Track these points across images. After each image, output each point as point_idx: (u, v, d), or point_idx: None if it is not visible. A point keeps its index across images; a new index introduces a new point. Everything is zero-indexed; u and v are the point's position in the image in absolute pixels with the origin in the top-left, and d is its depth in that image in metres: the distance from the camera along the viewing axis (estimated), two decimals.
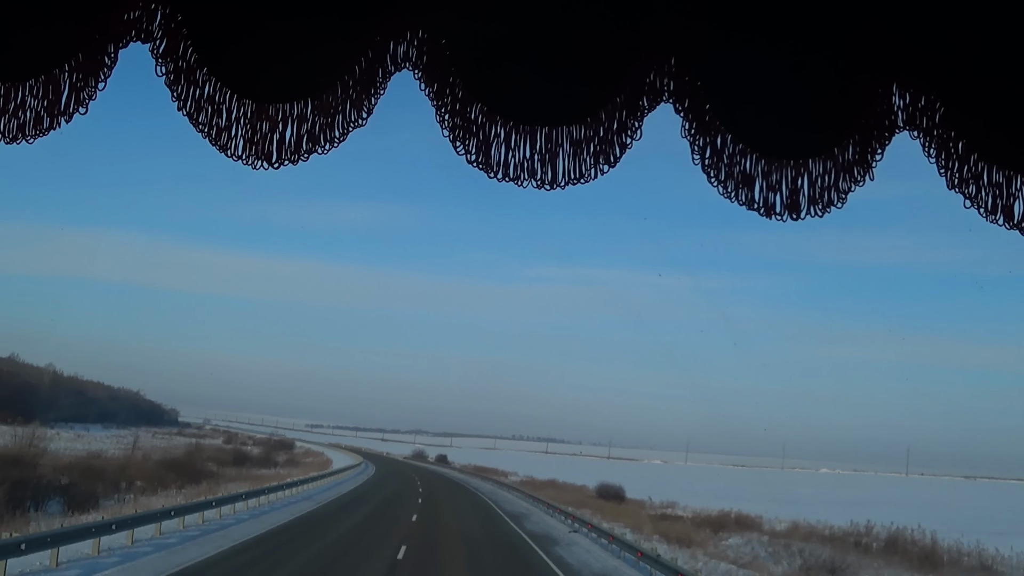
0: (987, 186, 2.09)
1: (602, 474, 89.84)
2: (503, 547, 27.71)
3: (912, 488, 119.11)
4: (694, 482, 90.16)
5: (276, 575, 18.21)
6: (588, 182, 1.95)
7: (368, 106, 1.93)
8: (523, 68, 1.93)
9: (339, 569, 19.55)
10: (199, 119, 1.94)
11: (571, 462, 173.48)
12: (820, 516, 42.57)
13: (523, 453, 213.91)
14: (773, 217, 2.03)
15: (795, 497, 67.54)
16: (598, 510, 44.33)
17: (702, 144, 2.00)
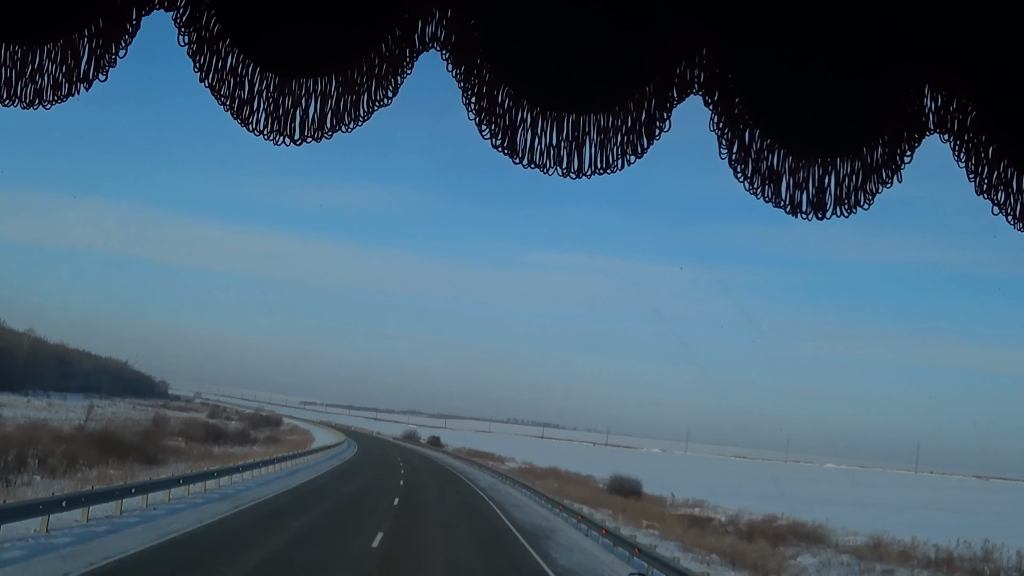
0: (1016, 193, 2.06)
1: (604, 462, 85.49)
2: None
3: (943, 489, 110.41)
4: (704, 475, 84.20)
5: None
6: (614, 172, 1.92)
7: (394, 85, 1.90)
8: (552, 53, 1.89)
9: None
10: (221, 91, 1.90)
11: (569, 448, 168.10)
12: (874, 523, 35.01)
13: (519, 437, 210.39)
14: (799, 216, 2.00)
15: (828, 497, 60.81)
16: (615, 509, 38.53)
17: (730, 138, 1.97)
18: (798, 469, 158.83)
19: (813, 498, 58.78)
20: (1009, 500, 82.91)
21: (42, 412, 54.68)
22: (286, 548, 18.08)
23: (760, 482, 79.60)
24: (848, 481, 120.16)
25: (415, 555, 19.88)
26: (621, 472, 54.57)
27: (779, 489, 69.07)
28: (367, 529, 22.00)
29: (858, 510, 47.26)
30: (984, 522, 40.02)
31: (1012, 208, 2.06)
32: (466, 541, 23.30)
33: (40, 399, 70.74)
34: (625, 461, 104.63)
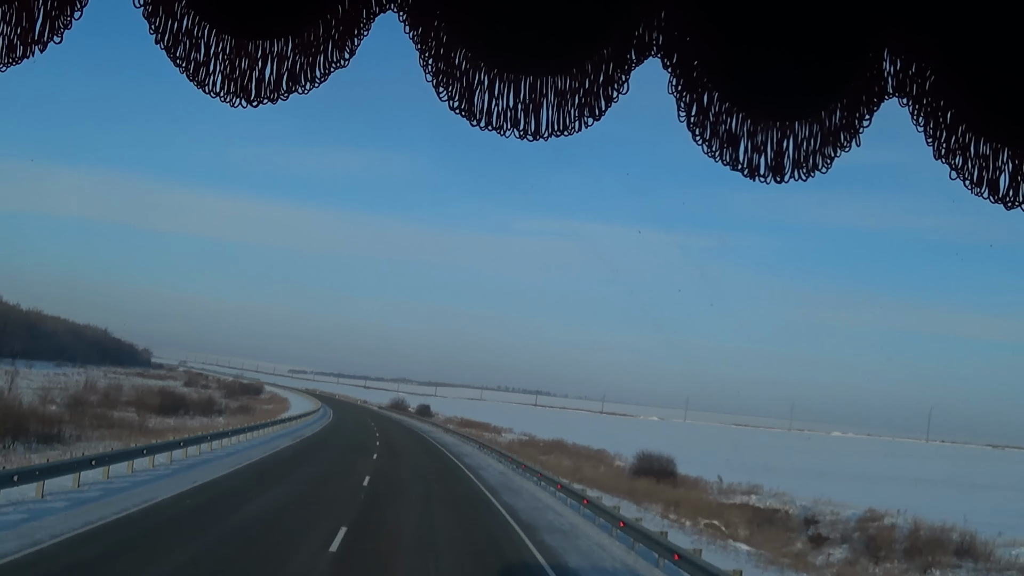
0: (973, 158, 2.08)
1: (609, 433, 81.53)
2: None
3: (977, 460, 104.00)
4: (719, 446, 73.44)
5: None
6: (572, 134, 1.92)
7: (351, 47, 1.89)
8: (510, 15, 1.89)
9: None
10: (176, 53, 1.89)
11: (565, 417, 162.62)
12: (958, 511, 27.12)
13: (511, 405, 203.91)
14: (757, 178, 2.01)
15: (876, 472, 55.55)
16: (661, 501, 29.02)
17: (688, 101, 1.97)
18: (807, 439, 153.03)
19: (863, 475, 52.98)
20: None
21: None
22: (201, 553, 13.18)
23: (782, 454, 72.84)
24: (872, 452, 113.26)
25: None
26: (628, 444, 48.75)
27: (811, 463, 62.77)
28: (318, 537, 15.69)
29: (940, 490, 41.25)
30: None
31: (970, 172, 2.08)
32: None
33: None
34: (628, 430, 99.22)
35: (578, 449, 54.80)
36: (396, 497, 23.87)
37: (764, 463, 48.62)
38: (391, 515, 20.50)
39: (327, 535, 16.10)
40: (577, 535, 20.96)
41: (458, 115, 1.89)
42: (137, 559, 13.02)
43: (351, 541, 15.87)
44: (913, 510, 28.17)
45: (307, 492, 22.62)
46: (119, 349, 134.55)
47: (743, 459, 50.80)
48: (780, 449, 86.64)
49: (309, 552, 14.60)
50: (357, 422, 70.74)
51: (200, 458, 29.34)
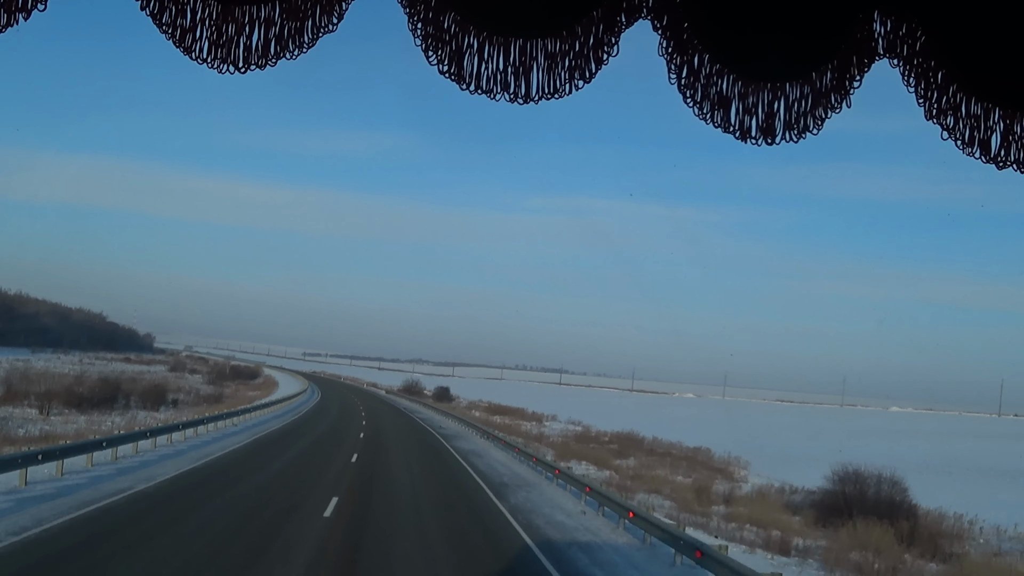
0: (965, 118, 2.07)
1: (666, 417, 71.98)
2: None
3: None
4: (801, 432, 64.51)
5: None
6: (562, 97, 1.91)
7: (339, 11, 1.88)
8: None
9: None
10: (163, 19, 1.87)
11: (598, 397, 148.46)
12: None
13: (533, 384, 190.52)
14: (748, 140, 2.01)
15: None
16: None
17: (679, 63, 1.97)
18: (867, 415, 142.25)
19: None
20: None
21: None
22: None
23: (902, 440, 60.91)
24: (974, 432, 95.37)
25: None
26: (714, 434, 37.93)
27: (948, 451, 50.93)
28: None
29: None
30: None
31: (961, 132, 2.07)
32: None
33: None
34: (685, 413, 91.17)
35: (660, 446, 39.55)
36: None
37: (907, 458, 37.23)
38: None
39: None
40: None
41: (447, 79, 1.88)
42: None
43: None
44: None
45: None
46: (114, 334, 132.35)
47: (843, 446, 36.62)
48: (890, 434, 72.37)
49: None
50: (343, 416, 49.89)
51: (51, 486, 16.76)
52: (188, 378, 77.08)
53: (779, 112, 2.01)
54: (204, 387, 68.24)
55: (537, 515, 18.34)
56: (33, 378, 48.87)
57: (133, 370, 71.48)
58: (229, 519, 14.75)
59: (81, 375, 55.86)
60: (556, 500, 21.21)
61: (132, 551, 11.71)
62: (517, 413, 64.97)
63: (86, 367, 68.89)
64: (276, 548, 12.48)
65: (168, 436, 27.28)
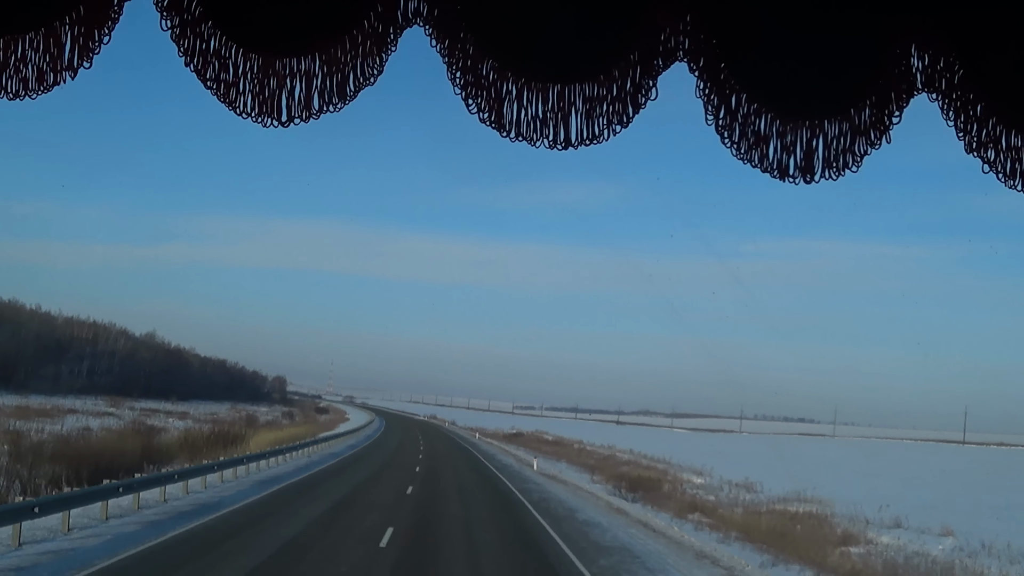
0: (1005, 150, 2.06)
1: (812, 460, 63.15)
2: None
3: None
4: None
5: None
6: (601, 142, 1.92)
7: (379, 63, 1.90)
8: (536, 23, 1.89)
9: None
10: (207, 75, 1.90)
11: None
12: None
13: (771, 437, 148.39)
14: (787, 179, 2.01)
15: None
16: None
17: (716, 104, 1.97)
18: (1001, 453, 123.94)
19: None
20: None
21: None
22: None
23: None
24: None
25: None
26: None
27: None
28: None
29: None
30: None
31: (1003, 165, 2.06)
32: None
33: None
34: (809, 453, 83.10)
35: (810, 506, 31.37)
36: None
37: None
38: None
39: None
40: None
41: (488, 127, 1.89)
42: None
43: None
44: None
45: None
46: (242, 381, 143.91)
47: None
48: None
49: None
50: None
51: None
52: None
53: (818, 150, 2.00)
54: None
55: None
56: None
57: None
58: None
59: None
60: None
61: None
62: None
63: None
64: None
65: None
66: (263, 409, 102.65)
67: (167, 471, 25.48)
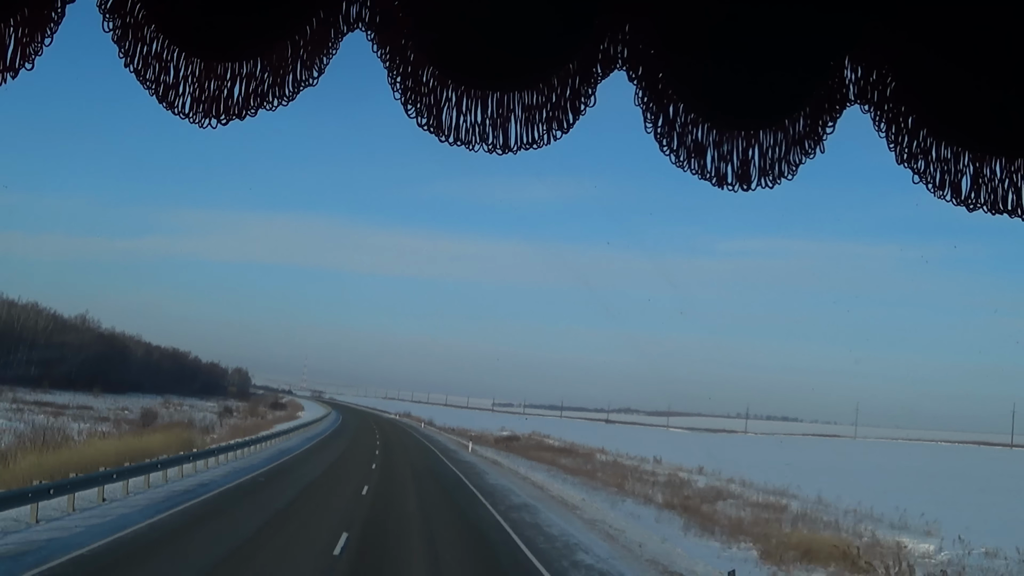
0: (935, 162, 2.12)
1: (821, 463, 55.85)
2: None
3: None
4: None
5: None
6: (540, 148, 1.95)
7: (320, 66, 1.92)
8: (476, 32, 1.92)
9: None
10: (146, 76, 1.91)
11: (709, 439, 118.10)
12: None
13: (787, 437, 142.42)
14: (725, 187, 2.04)
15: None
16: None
17: (654, 112, 2.01)
18: (927, 448, 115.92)
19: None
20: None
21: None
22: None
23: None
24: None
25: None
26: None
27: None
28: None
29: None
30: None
31: (932, 176, 2.12)
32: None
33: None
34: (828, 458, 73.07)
35: (821, 513, 29.30)
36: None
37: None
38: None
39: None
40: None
41: (426, 131, 1.91)
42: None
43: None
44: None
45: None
46: (196, 373, 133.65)
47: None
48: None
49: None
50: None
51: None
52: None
53: (754, 159, 2.05)
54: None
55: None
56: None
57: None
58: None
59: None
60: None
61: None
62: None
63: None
64: None
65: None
66: (209, 404, 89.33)
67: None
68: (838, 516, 28.67)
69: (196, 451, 29.34)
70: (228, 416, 72.61)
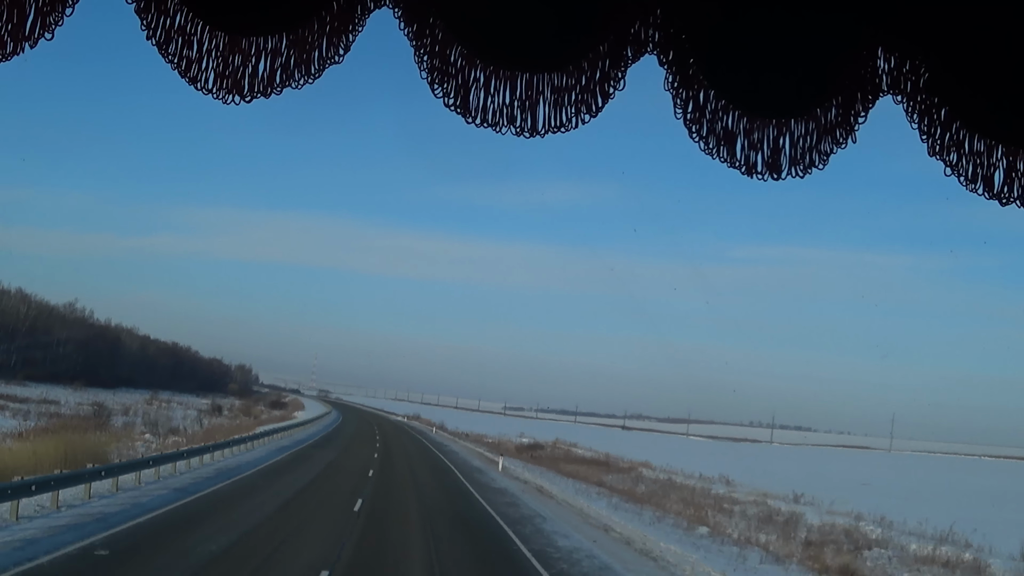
0: (968, 155, 2.08)
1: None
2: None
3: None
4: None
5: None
6: (568, 131, 1.92)
7: (346, 42, 1.88)
8: (505, 11, 1.88)
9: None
10: (169, 50, 1.87)
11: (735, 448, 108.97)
12: None
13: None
14: (754, 176, 2.01)
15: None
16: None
17: (685, 98, 1.97)
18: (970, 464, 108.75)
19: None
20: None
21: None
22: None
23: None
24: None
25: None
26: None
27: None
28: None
29: None
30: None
31: (964, 169, 2.08)
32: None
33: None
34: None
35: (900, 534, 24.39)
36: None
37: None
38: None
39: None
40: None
41: (453, 112, 1.88)
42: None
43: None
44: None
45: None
46: (194, 369, 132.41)
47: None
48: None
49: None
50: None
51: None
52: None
53: (784, 148, 2.01)
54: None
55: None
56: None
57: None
58: None
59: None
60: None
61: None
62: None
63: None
64: None
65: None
66: (201, 402, 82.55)
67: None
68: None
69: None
70: (216, 415, 67.22)
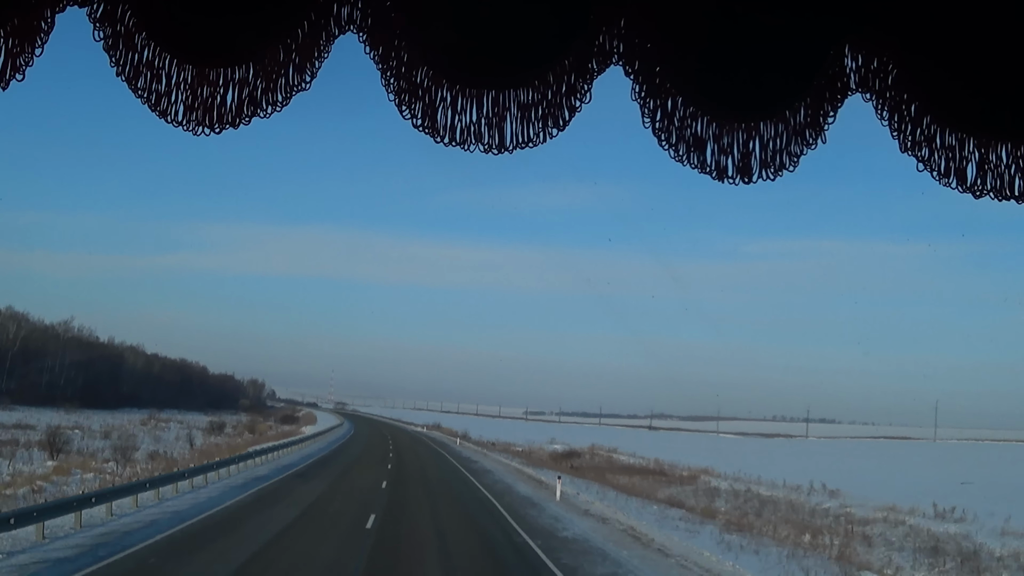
0: (940, 149, 2.08)
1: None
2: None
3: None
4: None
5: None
6: (536, 146, 1.93)
7: (312, 69, 1.89)
8: (470, 30, 1.89)
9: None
10: (138, 85, 1.89)
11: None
12: None
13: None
14: (725, 180, 2.01)
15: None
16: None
17: (652, 107, 1.98)
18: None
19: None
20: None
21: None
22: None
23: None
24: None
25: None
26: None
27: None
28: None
29: None
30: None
31: (936, 163, 2.08)
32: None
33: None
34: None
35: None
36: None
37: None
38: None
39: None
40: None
41: (422, 132, 1.89)
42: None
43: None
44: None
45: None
46: (204, 386, 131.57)
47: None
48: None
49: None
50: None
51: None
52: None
53: (755, 151, 2.02)
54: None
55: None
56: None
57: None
58: None
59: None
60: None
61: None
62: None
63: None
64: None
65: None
66: (202, 420, 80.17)
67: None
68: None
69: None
70: (216, 433, 63.93)
